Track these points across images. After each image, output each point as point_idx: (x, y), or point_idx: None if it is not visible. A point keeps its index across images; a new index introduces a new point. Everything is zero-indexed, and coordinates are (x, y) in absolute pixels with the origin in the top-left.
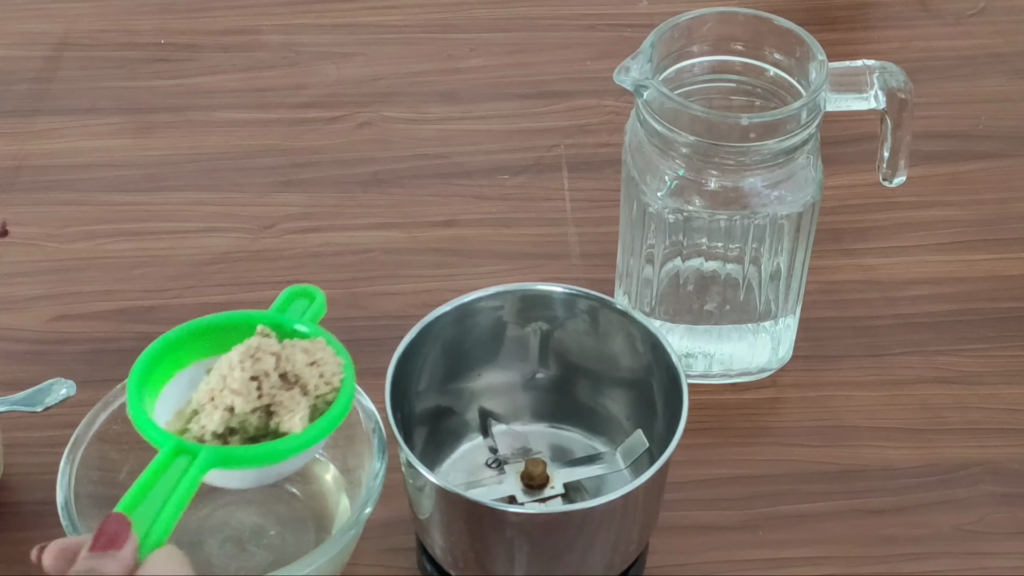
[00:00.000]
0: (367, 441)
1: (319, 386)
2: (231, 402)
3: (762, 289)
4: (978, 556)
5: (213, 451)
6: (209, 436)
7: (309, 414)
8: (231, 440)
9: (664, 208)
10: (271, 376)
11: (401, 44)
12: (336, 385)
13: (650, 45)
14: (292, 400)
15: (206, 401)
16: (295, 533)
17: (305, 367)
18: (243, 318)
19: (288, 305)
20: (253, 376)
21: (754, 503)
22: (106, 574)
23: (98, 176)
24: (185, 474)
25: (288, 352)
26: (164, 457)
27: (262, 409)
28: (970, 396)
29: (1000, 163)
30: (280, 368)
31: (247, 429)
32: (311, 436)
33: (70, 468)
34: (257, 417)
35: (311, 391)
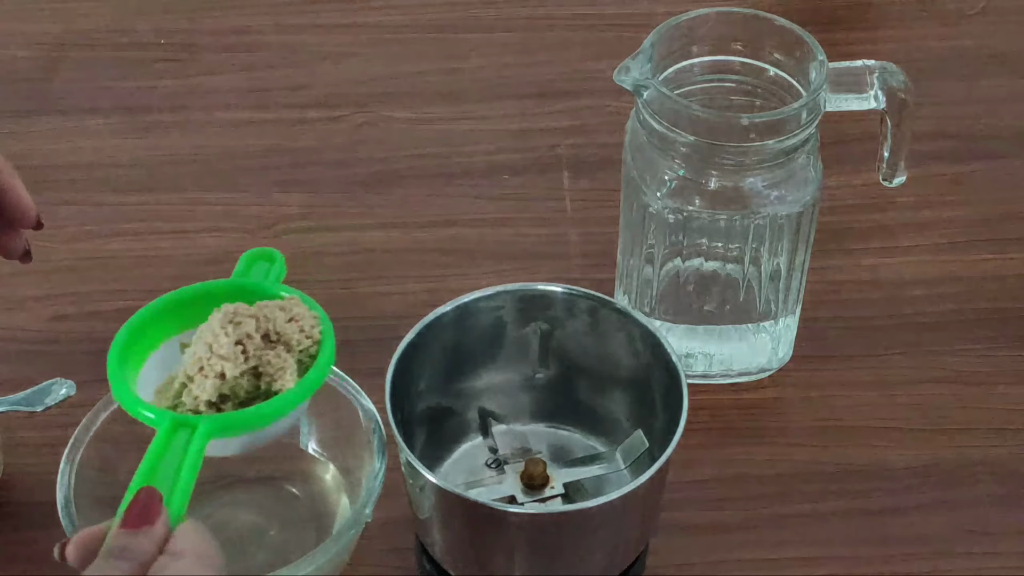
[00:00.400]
0: (367, 441)
1: (301, 341)
2: (221, 368)
3: (762, 289)
4: (978, 556)
5: (212, 420)
6: (203, 406)
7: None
8: (224, 407)
9: (664, 208)
10: (254, 338)
11: (401, 44)
12: (316, 338)
13: (650, 45)
14: (279, 358)
15: (195, 372)
16: (295, 533)
17: (285, 324)
18: (208, 288)
19: (249, 270)
20: (237, 340)
21: (754, 503)
22: (139, 548)
23: (98, 176)
24: (189, 447)
25: (266, 312)
26: (164, 434)
27: (250, 371)
28: (970, 396)
29: (1000, 163)
30: (261, 329)
31: (238, 393)
32: (303, 390)
33: (70, 468)
34: (247, 380)
35: (294, 347)
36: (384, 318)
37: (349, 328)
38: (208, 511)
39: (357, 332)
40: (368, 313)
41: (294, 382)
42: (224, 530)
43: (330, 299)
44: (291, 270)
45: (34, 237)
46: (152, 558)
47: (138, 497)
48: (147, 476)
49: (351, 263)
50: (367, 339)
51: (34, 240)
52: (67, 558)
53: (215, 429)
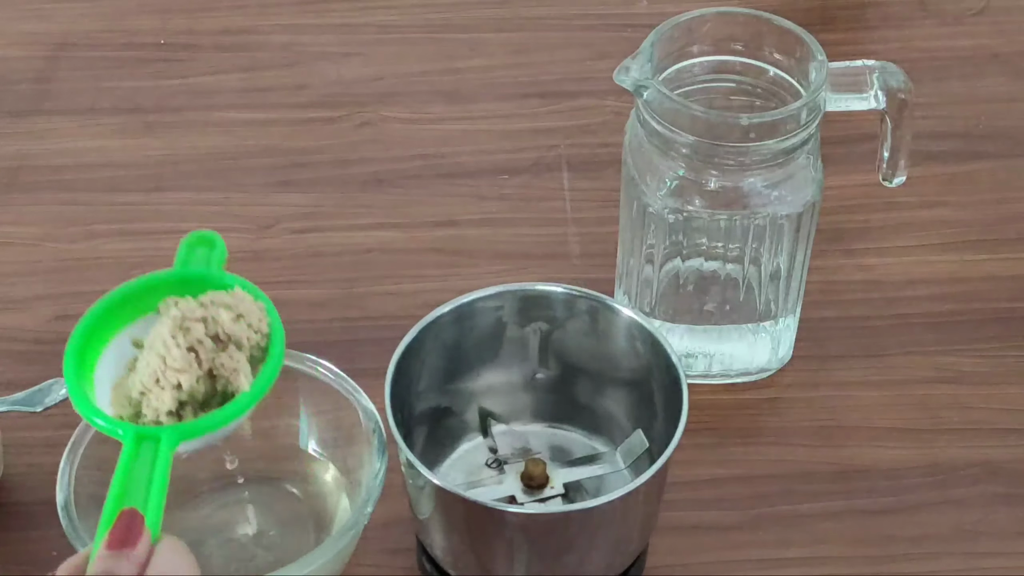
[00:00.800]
0: (367, 441)
1: (250, 337)
2: (176, 380)
3: (762, 289)
4: (978, 556)
5: (174, 430)
6: (163, 416)
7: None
8: (183, 413)
9: (664, 208)
10: (205, 342)
11: (401, 44)
12: (264, 331)
13: (650, 45)
14: (231, 360)
15: (151, 384)
16: (295, 533)
17: (232, 324)
18: (151, 281)
19: (190, 256)
20: (189, 347)
21: (754, 503)
22: (122, 572)
23: (98, 176)
24: (156, 459)
25: (213, 313)
26: (130, 448)
27: (205, 376)
28: (970, 396)
29: (1000, 163)
30: (210, 331)
31: (196, 398)
32: (259, 388)
33: (70, 468)
34: (202, 384)
35: (245, 344)
36: (384, 318)
37: (349, 328)
38: (208, 511)
39: (357, 332)
40: (368, 313)
41: (248, 382)
42: (224, 530)
43: (330, 299)
44: (291, 270)
45: (34, 237)
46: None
47: (120, 519)
48: (120, 491)
49: (351, 263)
50: (367, 339)
51: (34, 240)
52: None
53: (178, 438)
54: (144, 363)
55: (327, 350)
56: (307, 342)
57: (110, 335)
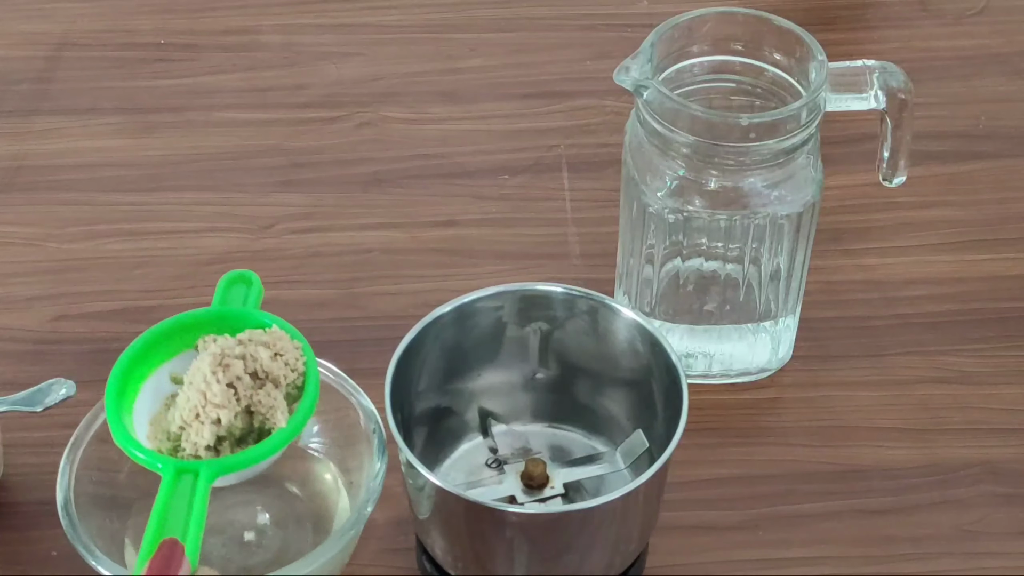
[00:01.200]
0: (367, 441)
1: (287, 375)
2: (216, 415)
3: (762, 289)
4: (978, 556)
5: (212, 464)
6: (202, 450)
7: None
8: (221, 448)
9: (664, 208)
10: (244, 379)
11: (401, 44)
12: (301, 370)
13: (650, 45)
14: (268, 397)
15: (191, 418)
16: (295, 533)
17: (271, 361)
18: (191, 318)
19: (227, 294)
20: (228, 383)
21: (754, 503)
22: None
23: (98, 176)
24: (195, 492)
25: (252, 351)
26: (169, 481)
27: (243, 411)
28: (970, 396)
29: (1000, 163)
30: (249, 368)
31: (233, 433)
32: (295, 426)
33: (70, 468)
34: (240, 420)
35: (282, 383)
36: (384, 318)
37: (349, 328)
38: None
39: (357, 332)
40: (368, 313)
41: (285, 419)
42: (224, 530)
43: (330, 299)
44: (291, 270)
45: (34, 237)
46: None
47: (161, 548)
48: (160, 523)
49: (351, 263)
50: (367, 339)
51: (34, 240)
52: None
53: (217, 472)
54: (184, 398)
55: (327, 350)
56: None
57: (149, 371)
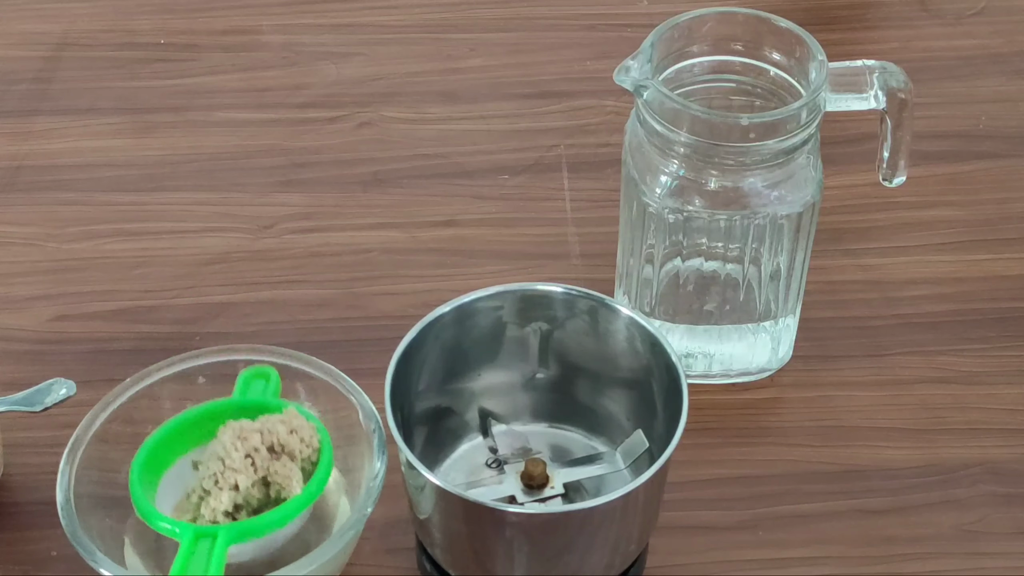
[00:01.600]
0: (367, 441)
1: (302, 450)
2: (234, 480)
3: (762, 289)
4: (978, 556)
5: (230, 528)
6: (221, 516)
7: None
8: (238, 516)
9: (664, 208)
10: (261, 450)
11: (401, 44)
12: (316, 446)
13: (650, 45)
14: (285, 468)
15: (211, 485)
16: (295, 533)
17: (287, 436)
18: (214, 408)
19: (247, 388)
20: (246, 454)
21: (754, 503)
22: None
23: (98, 176)
24: (212, 554)
25: (269, 426)
26: (188, 545)
27: (259, 482)
28: (970, 396)
29: (1000, 163)
30: (266, 441)
31: (251, 503)
32: (309, 495)
33: (70, 468)
34: (257, 490)
35: (297, 456)
36: (384, 318)
37: (349, 328)
38: None
39: (357, 332)
40: (368, 313)
41: (300, 488)
42: None
43: (330, 299)
44: (291, 270)
45: (34, 237)
46: None
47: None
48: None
49: (351, 263)
50: (367, 339)
51: (34, 240)
52: None
53: (234, 536)
54: (205, 468)
55: (327, 350)
56: (307, 342)
57: (174, 458)
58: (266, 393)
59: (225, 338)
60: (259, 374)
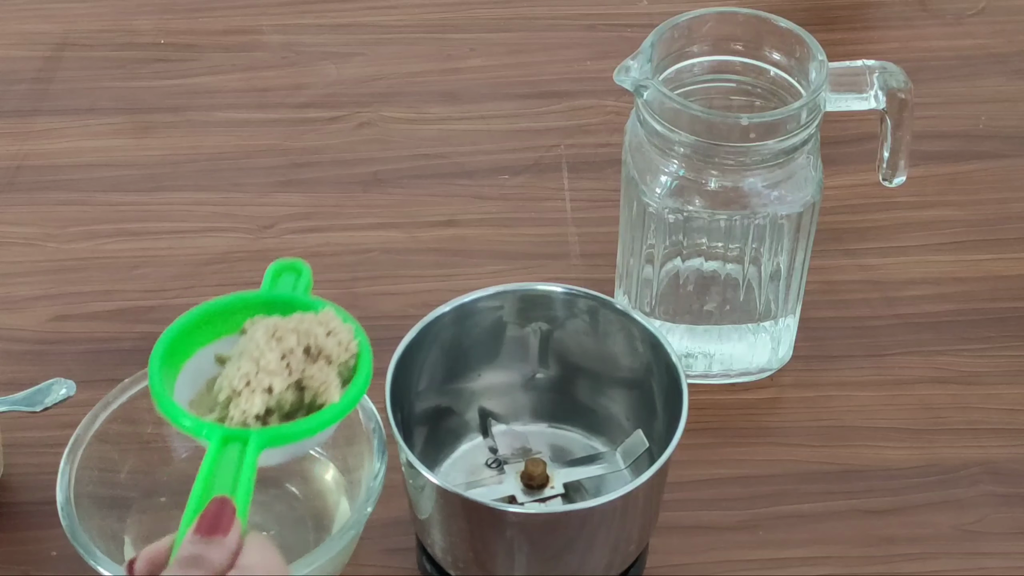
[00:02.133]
0: (367, 441)
1: (340, 354)
2: (268, 383)
3: (762, 289)
4: (978, 556)
5: (263, 433)
6: (251, 419)
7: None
8: (269, 420)
9: (664, 208)
10: (296, 352)
11: (401, 44)
12: (353, 351)
13: (650, 45)
14: (321, 372)
15: (242, 386)
16: (295, 533)
17: (325, 339)
18: (241, 299)
19: (276, 282)
20: (281, 355)
21: (754, 503)
22: (213, 559)
23: (98, 176)
24: (243, 459)
25: (306, 327)
26: (216, 448)
27: (294, 385)
28: (970, 396)
29: (1000, 163)
30: (302, 343)
31: (283, 407)
32: (348, 402)
33: (70, 468)
34: (291, 393)
35: (334, 360)
36: (384, 318)
37: None
38: None
39: None
40: (368, 313)
41: (338, 395)
42: None
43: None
44: None
45: (34, 237)
46: (225, 569)
47: (211, 506)
48: (205, 489)
49: (351, 263)
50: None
51: (34, 240)
52: (135, 574)
53: (266, 442)
54: (234, 367)
55: None
56: None
57: (192, 350)
58: (297, 288)
59: None
60: (289, 268)
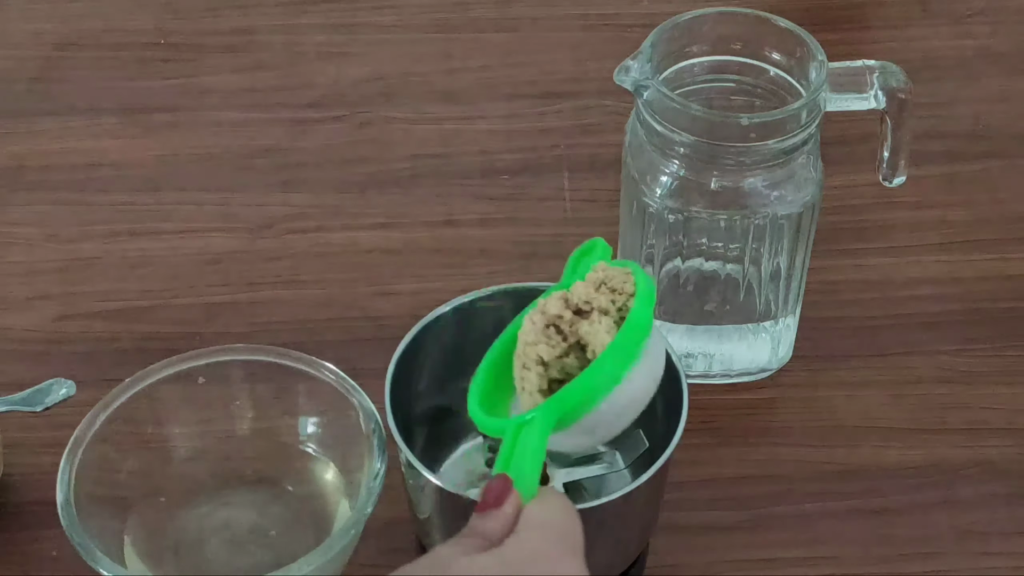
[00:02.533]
0: (367, 441)
1: (615, 299)
2: (535, 354)
3: (762, 289)
4: (978, 556)
5: (544, 408)
6: (537, 396)
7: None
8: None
9: (664, 208)
10: (565, 316)
11: (401, 44)
12: (630, 291)
13: (650, 45)
14: (593, 326)
15: (521, 371)
16: (295, 533)
17: (592, 292)
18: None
19: (575, 270)
20: (547, 323)
21: (754, 503)
22: (489, 529)
23: (98, 176)
24: (529, 440)
25: (573, 289)
26: (510, 438)
27: (574, 347)
28: (970, 396)
29: (1000, 163)
30: (571, 306)
31: (571, 373)
32: (624, 343)
33: (70, 468)
34: (574, 358)
35: (612, 308)
36: (384, 318)
37: (349, 328)
38: (208, 511)
39: (357, 332)
40: (368, 313)
41: (611, 337)
42: (224, 530)
43: (330, 299)
44: (291, 270)
45: (34, 237)
46: (501, 536)
47: (491, 483)
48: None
49: (351, 263)
50: (367, 339)
51: (34, 240)
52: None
53: (550, 414)
54: (515, 358)
55: (327, 350)
56: (307, 342)
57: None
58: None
59: (225, 338)
60: (585, 251)
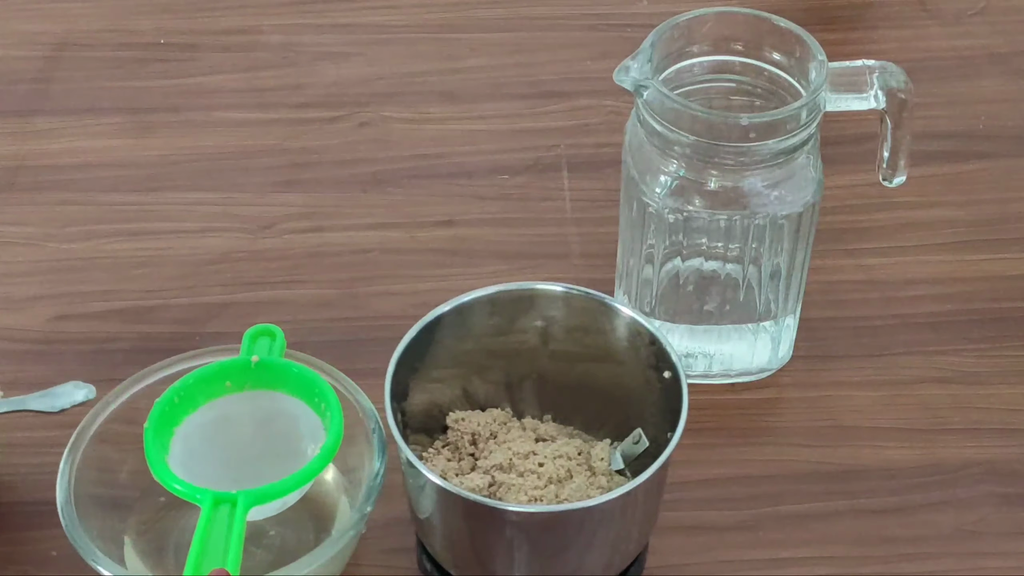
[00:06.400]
0: (367, 441)
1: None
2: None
3: (762, 289)
4: (978, 556)
5: (249, 494)
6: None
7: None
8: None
9: (664, 208)
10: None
11: (401, 44)
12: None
13: (650, 45)
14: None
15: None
16: (295, 533)
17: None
18: (223, 367)
19: (252, 346)
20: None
21: (754, 503)
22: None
23: (98, 176)
24: (233, 519)
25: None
26: (208, 511)
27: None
28: (970, 396)
29: (1000, 163)
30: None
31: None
32: (325, 457)
33: (70, 468)
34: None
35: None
36: (384, 318)
37: (349, 328)
38: None
39: (357, 332)
40: (368, 313)
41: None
42: None
43: (330, 299)
44: (291, 270)
45: (34, 237)
46: None
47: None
48: (200, 550)
49: (351, 263)
50: (367, 339)
51: (34, 240)
52: None
53: (253, 500)
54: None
55: (327, 350)
56: (307, 342)
57: (182, 417)
58: (272, 351)
59: (225, 338)
60: (264, 332)
